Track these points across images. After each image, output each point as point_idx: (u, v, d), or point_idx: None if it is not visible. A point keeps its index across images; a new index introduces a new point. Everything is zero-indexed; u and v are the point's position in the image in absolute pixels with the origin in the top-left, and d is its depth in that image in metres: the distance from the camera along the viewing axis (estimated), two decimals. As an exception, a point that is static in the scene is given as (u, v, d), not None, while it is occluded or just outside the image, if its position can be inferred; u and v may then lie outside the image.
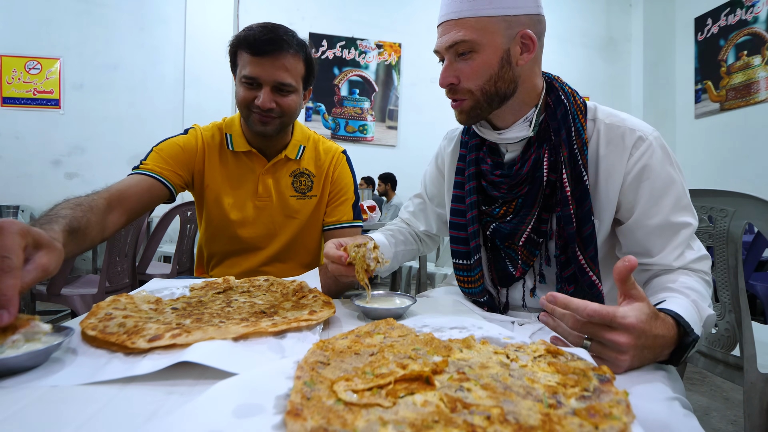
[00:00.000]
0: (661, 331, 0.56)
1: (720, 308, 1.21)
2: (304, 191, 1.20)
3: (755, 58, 4.79)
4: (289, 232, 1.19)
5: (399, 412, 0.35)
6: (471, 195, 0.90)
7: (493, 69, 0.78)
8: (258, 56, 1.02)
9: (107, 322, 0.56)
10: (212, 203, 1.17)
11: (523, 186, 0.83)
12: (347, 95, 5.63)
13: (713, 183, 5.28)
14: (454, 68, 0.81)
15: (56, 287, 2.08)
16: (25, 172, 4.75)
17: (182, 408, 0.35)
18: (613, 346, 0.53)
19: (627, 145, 0.79)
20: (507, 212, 0.86)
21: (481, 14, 0.76)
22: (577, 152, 0.80)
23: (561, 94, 0.84)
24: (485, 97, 0.80)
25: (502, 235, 0.87)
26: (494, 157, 0.89)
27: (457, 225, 0.94)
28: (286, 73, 1.04)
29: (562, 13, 5.98)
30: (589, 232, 0.79)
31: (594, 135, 0.83)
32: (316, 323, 0.62)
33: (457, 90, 0.81)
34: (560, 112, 0.82)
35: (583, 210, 0.79)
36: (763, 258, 2.51)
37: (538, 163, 0.82)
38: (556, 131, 0.81)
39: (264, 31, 1.03)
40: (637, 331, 0.53)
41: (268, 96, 1.03)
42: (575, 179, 0.80)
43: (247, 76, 1.03)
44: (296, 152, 1.19)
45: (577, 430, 0.33)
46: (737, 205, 1.13)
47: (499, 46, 0.77)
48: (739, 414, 1.86)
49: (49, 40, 4.81)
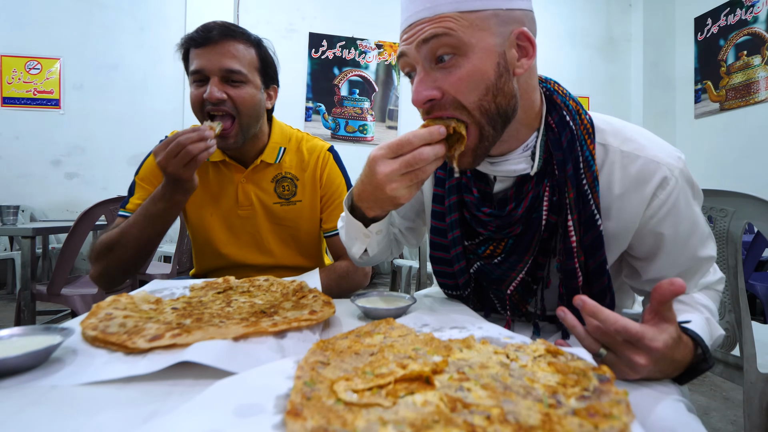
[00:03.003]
0: (680, 356, 0.54)
1: (720, 308, 1.21)
2: (288, 197, 1.13)
3: (755, 58, 4.79)
4: (279, 242, 1.14)
5: (399, 412, 0.35)
6: (453, 230, 0.75)
7: (490, 79, 0.59)
8: (202, 47, 0.97)
9: (107, 322, 0.56)
10: (195, 217, 1.13)
11: (515, 227, 0.68)
12: (347, 95, 5.63)
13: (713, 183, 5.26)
14: (433, 78, 0.60)
15: (56, 287, 2.08)
16: (25, 172, 4.75)
17: (182, 407, 0.35)
18: (628, 363, 0.51)
19: (649, 186, 0.64)
20: (494, 253, 0.71)
21: (465, 8, 0.57)
22: (588, 191, 0.64)
23: (565, 113, 0.66)
24: (488, 119, 0.60)
25: (488, 279, 0.75)
26: (480, 184, 0.71)
27: (440, 260, 0.80)
28: (233, 59, 0.97)
29: (562, 13, 5.98)
30: (603, 286, 0.67)
31: (606, 167, 0.67)
32: (316, 323, 0.62)
33: (444, 105, 0.60)
34: (566, 139, 0.64)
35: (596, 262, 0.66)
36: (763, 258, 2.51)
37: (537, 202, 0.66)
38: (561, 165, 0.64)
39: (205, 25, 0.99)
40: (659, 355, 0.50)
41: (217, 85, 0.96)
42: (585, 225, 0.65)
43: (193, 71, 0.97)
44: (275, 155, 1.12)
45: (577, 430, 0.33)
46: (737, 205, 1.13)
47: (492, 49, 0.58)
48: (739, 414, 1.86)
49: (49, 40, 4.80)
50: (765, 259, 2.67)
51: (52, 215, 4.74)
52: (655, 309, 0.51)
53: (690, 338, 0.56)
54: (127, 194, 1.13)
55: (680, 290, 0.48)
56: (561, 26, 5.93)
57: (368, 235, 0.76)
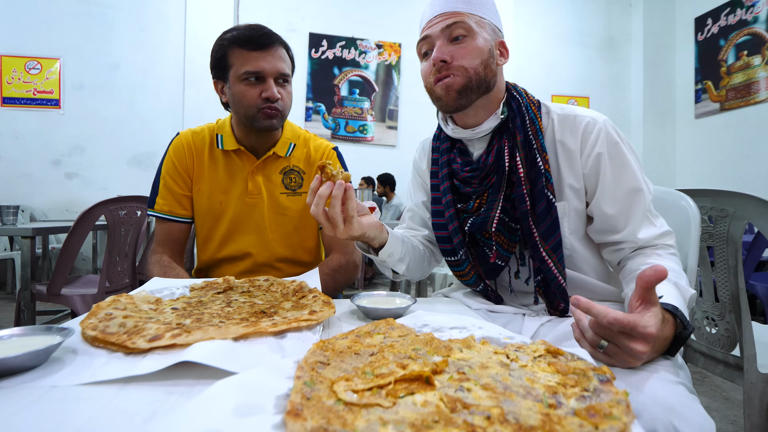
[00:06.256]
0: (667, 332, 0.60)
1: (720, 308, 1.21)
2: (295, 188, 1.21)
3: (755, 58, 4.80)
4: (281, 232, 1.19)
5: (399, 412, 0.35)
6: (446, 194, 0.95)
7: (484, 55, 0.86)
8: (258, 50, 1.06)
9: (107, 322, 0.56)
10: (204, 205, 1.17)
11: (491, 176, 0.89)
12: (347, 95, 5.63)
13: (713, 183, 5.28)
14: (448, 49, 0.86)
15: (56, 287, 2.08)
16: (25, 172, 4.75)
17: (182, 407, 0.35)
18: (629, 351, 0.56)
19: (579, 130, 0.87)
20: (480, 205, 0.91)
21: (475, 12, 0.86)
22: (531, 138, 0.87)
23: (515, 93, 0.93)
24: (476, 78, 0.86)
25: (477, 226, 0.90)
26: (464, 157, 0.95)
27: (439, 225, 0.98)
28: (284, 63, 1.10)
29: (562, 13, 5.99)
30: (542, 208, 0.84)
31: (549, 125, 0.90)
32: (316, 323, 0.62)
33: (450, 67, 0.85)
34: (515, 104, 0.91)
35: (537, 188, 0.85)
36: (763, 258, 2.51)
37: (501, 152, 0.88)
38: (512, 120, 0.89)
39: (256, 28, 1.08)
40: (653, 339, 0.55)
41: (275, 87, 1.08)
42: (530, 162, 0.86)
43: (250, 71, 1.06)
44: (286, 149, 1.20)
45: (577, 430, 0.33)
46: (737, 205, 1.13)
47: (487, 40, 0.87)
48: (739, 414, 1.86)
49: (49, 40, 4.81)
50: (765, 259, 2.67)
51: (52, 215, 4.74)
52: (641, 295, 0.57)
53: (669, 313, 0.61)
54: (151, 191, 1.18)
55: (663, 275, 0.54)
56: (561, 26, 5.93)
57: (383, 261, 0.94)
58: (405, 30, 5.63)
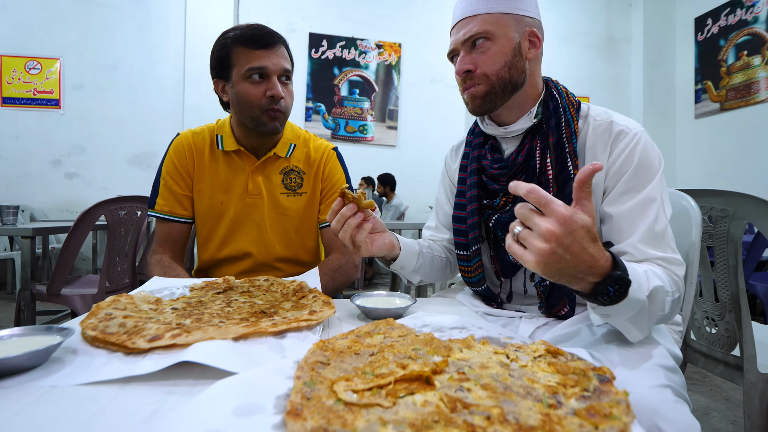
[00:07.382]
0: (592, 250, 0.53)
1: (720, 308, 1.21)
2: (294, 188, 1.21)
3: (755, 58, 4.79)
4: (281, 231, 1.19)
5: (399, 412, 0.35)
6: (472, 189, 0.96)
7: (507, 56, 0.85)
8: (262, 49, 1.07)
9: (107, 322, 0.56)
10: (204, 206, 1.17)
11: (519, 176, 0.89)
12: (347, 95, 5.63)
13: (713, 183, 5.28)
14: (471, 58, 0.87)
15: (56, 287, 2.08)
16: (25, 172, 4.75)
17: (182, 407, 0.35)
18: (537, 231, 0.51)
19: (611, 137, 0.85)
20: (507, 202, 0.91)
21: (494, 11, 0.85)
22: (565, 141, 0.86)
23: (554, 92, 0.92)
24: (500, 83, 0.86)
25: (502, 224, 0.90)
26: (495, 154, 0.95)
27: (459, 218, 0.99)
28: (286, 61, 1.11)
29: (562, 13, 5.98)
30: None
31: (585, 129, 0.88)
32: (316, 323, 0.62)
33: (474, 76, 0.87)
34: (552, 104, 0.90)
35: (564, 193, 0.84)
36: (763, 258, 2.51)
37: (532, 153, 0.88)
38: (547, 121, 0.88)
39: (259, 27, 1.09)
40: (566, 226, 0.50)
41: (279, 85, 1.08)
42: (560, 165, 0.85)
43: (254, 68, 1.06)
44: (286, 150, 1.20)
45: (577, 430, 0.33)
46: (737, 205, 1.13)
47: (511, 38, 0.86)
48: (739, 414, 1.86)
49: (49, 40, 4.80)
50: (765, 259, 2.67)
51: (52, 215, 4.74)
52: (576, 196, 0.54)
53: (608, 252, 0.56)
54: (151, 192, 1.18)
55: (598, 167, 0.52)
56: (561, 26, 5.93)
57: (398, 271, 0.97)
58: (405, 30, 5.63)
